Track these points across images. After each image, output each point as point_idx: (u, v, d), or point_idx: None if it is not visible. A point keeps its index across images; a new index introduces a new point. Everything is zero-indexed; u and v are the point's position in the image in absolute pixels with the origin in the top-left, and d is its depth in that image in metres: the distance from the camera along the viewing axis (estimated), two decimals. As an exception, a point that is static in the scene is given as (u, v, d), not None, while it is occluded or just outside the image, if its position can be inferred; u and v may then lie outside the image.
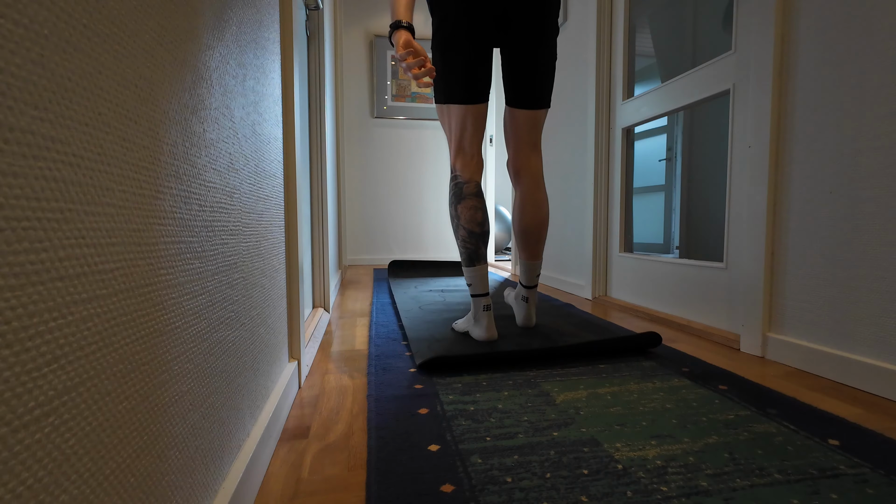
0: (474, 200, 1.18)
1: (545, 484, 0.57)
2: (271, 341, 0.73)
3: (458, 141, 1.21)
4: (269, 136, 0.74)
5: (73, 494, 0.24)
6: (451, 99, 1.17)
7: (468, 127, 1.19)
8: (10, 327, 0.20)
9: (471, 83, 1.15)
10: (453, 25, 1.12)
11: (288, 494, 0.56)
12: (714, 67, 1.35)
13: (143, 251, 0.32)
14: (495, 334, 1.19)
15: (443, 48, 1.15)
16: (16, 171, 0.20)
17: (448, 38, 1.13)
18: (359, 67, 3.45)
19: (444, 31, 1.14)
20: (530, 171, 1.27)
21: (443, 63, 1.16)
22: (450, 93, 1.17)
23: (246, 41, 0.60)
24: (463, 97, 1.16)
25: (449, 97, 1.18)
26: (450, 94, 1.17)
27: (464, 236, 1.18)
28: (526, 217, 1.27)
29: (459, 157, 1.21)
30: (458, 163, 1.21)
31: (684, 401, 0.83)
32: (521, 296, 1.33)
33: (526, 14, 1.13)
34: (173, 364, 0.36)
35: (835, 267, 0.97)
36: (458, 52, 1.13)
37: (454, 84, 1.16)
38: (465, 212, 1.17)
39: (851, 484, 0.58)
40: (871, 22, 0.90)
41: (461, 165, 1.21)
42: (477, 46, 1.12)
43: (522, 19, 1.14)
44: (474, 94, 1.16)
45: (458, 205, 1.18)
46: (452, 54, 1.14)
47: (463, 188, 1.19)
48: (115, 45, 0.28)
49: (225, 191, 0.50)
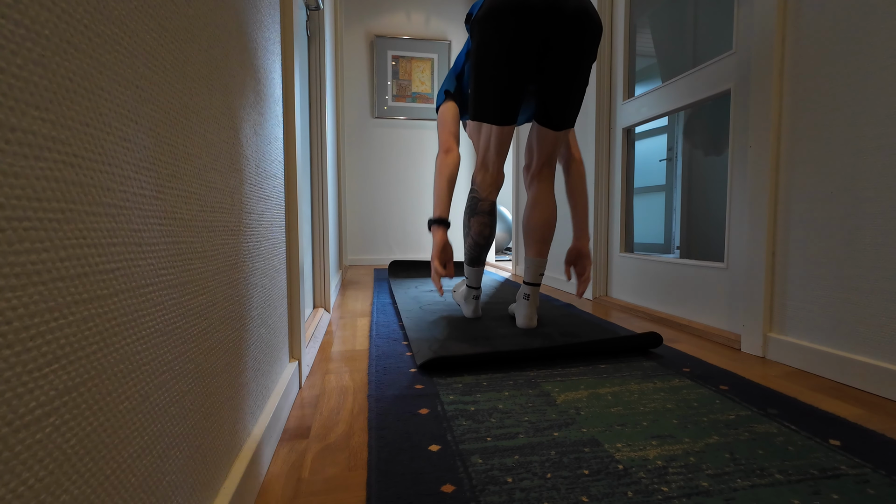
0: (486, 218, 1.33)
1: (546, 484, 0.57)
2: (272, 341, 0.73)
3: (483, 156, 1.30)
4: (270, 137, 0.74)
5: (74, 494, 0.24)
6: (484, 118, 1.24)
7: (493, 146, 1.26)
8: (12, 327, 0.20)
9: (503, 109, 1.21)
10: (496, 55, 1.15)
11: (288, 494, 0.57)
12: (714, 67, 1.35)
13: (143, 251, 0.32)
14: (479, 313, 1.48)
15: (481, 71, 1.19)
16: (17, 171, 0.20)
17: (488, 63, 1.17)
18: (359, 67, 3.45)
19: (484, 55, 1.17)
20: (546, 180, 1.35)
21: (478, 83, 1.21)
22: (483, 113, 1.23)
23: (246, 41, 0.60)
24: (495, 118, 1.22)
25: (483, 116, 1.24)
26: (483, 114, 1.23)
27: (471, 244, 1.37)
28: (535, 216, 1.33)
29: (481, 172, 1.31)
30: (479, 176, 1.32)
31: (685, 401, 0.83)
32: (523, 293, 1.36)
33: (567, 45, 1.15)
34: (174, 364, 0.36)
35: (836, 267, 0.97)
36: (496, 81, 1.18)
37: (488, 106, 1.21)
38: (475, 226, 1.34)
39: (852, 484, 0.58)
40: (871, 22, 0.90)
41: (480, 180, 1.31)
42: (515, 79, 1.17)
43: (563, 49, 1.16)
44: (506, 117, 1.22)
45: (472, 218, 1.34)
46: (490, 80, 1.19)
47: (478, 205, 1.33)
48: (116, 45, 0.28)
49: (226, 191, 0.50)
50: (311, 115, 1.55)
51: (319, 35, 1.56)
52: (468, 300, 1.48)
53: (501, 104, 1.19)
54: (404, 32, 3.51)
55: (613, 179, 1.92)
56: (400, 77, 3.47)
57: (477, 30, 1.18)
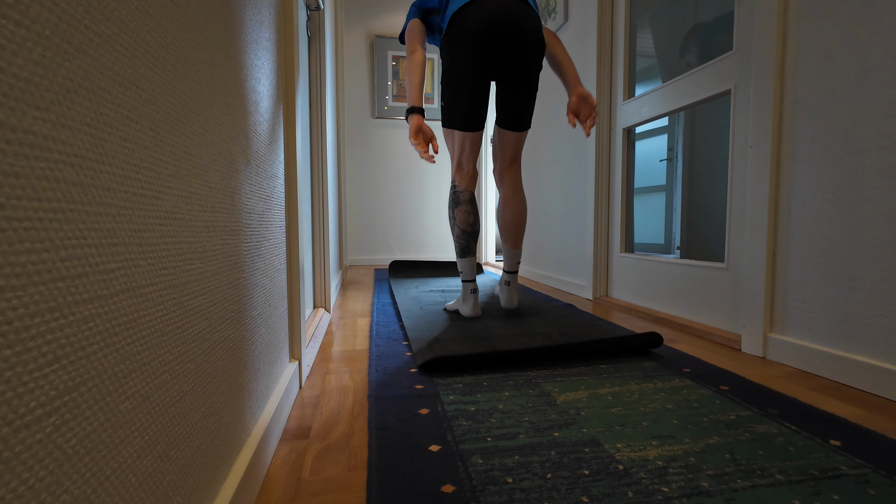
0: (468, 206, 1.49)
1: (546, 484, 0.57)
2: (272, 341, 0.73)
3: (458, 159, 1.50)
4: (271, 137, 0.74)
5: (75, 494, 0.24)
6: (455, 126, 1.45)
7: (466, 149, 1.47)
8: (12, 327, 0.20)
9: (471, 117, 1.43)
10: (459, 71, 1.38)
11: (289, 494, 0.57)
12: (715, 68, 1.35)
13: (144, 251, 0.32)
14: (479, 312, 1.51)
15: (451, 86, 1.42)
16: (17, 171, 0.20)
17: (455, 80, 1.39)
18: (359, 68, 3.45)
19: (452, 73, 1.40)
20: (512, 178, 1.56)
21: (450, 98, 1.43)
22: (454, 121, 1.45)
23: (247, 41, 0.60)
24: (464, 126, 1.44)
25: (453, 125, 1.45)
26: (454, 123, 1.45)
27: (458, 234, 1.48)
28: (507, 214, 1.54)
29: (458, 171, 1.51)
30: (458, 176, 1.51)
31: (685, 401, 0.83)
32: (504, 281, 1.60)
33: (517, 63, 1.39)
34: (174, 364, 0.36)
35: (836, 267, 0.97)
36: (462, 93, 1.40)
37: (458, 116, 1.43)
38: (460, 214, 1.48)
39: (853, 485, 0.57)
40: (871, 21, 0.90)
41: (459, 178, 1.51)
42: (477, 90, 1.40)
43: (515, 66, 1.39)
44: (473, 124, 1.44)
45: (456, 209, 1.49)
46: (458, 93, 1.40)
47: (460, 196, 1.49)
48: (116, 45, 0.28)
49: (226, 191, 0.50)
50: (311, 115, 1.55)
51: (319, 35, 1.56)
52: (466, 297, 1.51)
53: (467, 113, 1.42)
54: (404, 33, 3.51)
55: (614, 179, 1.92)
56: (400, 77, 3.47)
57: (445, 52, 1.40)
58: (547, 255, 2.51)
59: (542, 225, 2.56)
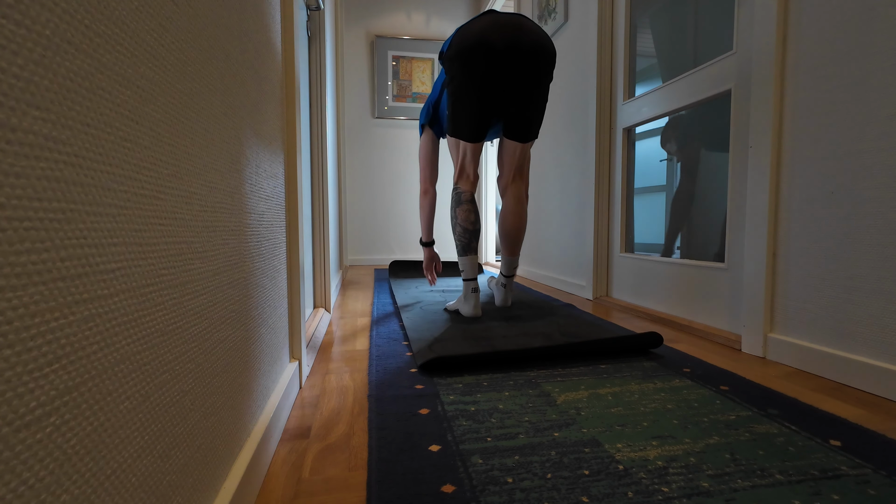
0: (469, 206, 1.53)
1: (546, 484, 0.57)
2: (272, 341, 0.73)
3: (461, 165, 1.54)
4: (271, 137, 0.74)
5: (75, 494, 0.24)
6: (458, 136, 1.49)
7: (468, 156, 1.52)
8: (12, 327, 0.20)
9: (474, 129, 1.46)
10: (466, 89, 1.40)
11: (289, 494, 0.57)
12: (715, 68, 1.35)
13: (144, 251, 0.32)
14: (480, 312, 1.53)
15: (455, 99, 1.45)
16: (17, 171, 0.20)
17: (458, 93, 1.43)
18: (360, 68, 3.45)
19: (457, 86, 1.42)
20: (515, 190, 1.60)
21: (453, 110, 1.47)
22: (458, 132, 1.48)
23: (247, 41, 0.60)
24: (468, 137, 1.47)
25: (457, 135, 1.49)
26: (458, 133, 1.49)
27: (460, 232, 1.53)
28: (507, 224, 1.60)
29: (461, 176, 1.55)
30: (460, 180, 1.56)
31: (685, 401, 0.83)
32: (500, 283, 1.72)
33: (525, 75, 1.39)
34: (174, 364, 0.36)
35: (836, 267, 0.97)
36: (465, 107, 1.43)
37: (462, 127, 1.46)
38: (461, 213, 1.52)
39: (853, 485, 0.57)
40: (871, 21, 0.90)
41: (461, 182, 1.55)
42: (483, 106, 1.41)
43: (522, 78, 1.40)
44: (477, 136, 1.47)
45: (457, 208, 1.54)
46: (461, 107, 1.44)
47: (461, 196, 1.54)
48: (116, 45, 0.28)
49: (226, 191, 0.50)
50: (311, 114, 1.55)
51: (320, 35, 1.56)
52: (467, 296, 1.53)
53: (474, 127, 1.45)
54: (405, 32, 3.51)
55: (614, 179, 1.92)
56: (400, 77, 3.48)
57: (447, 66, 1.43)
58: (547, 255, 2.51)
59: (543, 225, 2.56)
